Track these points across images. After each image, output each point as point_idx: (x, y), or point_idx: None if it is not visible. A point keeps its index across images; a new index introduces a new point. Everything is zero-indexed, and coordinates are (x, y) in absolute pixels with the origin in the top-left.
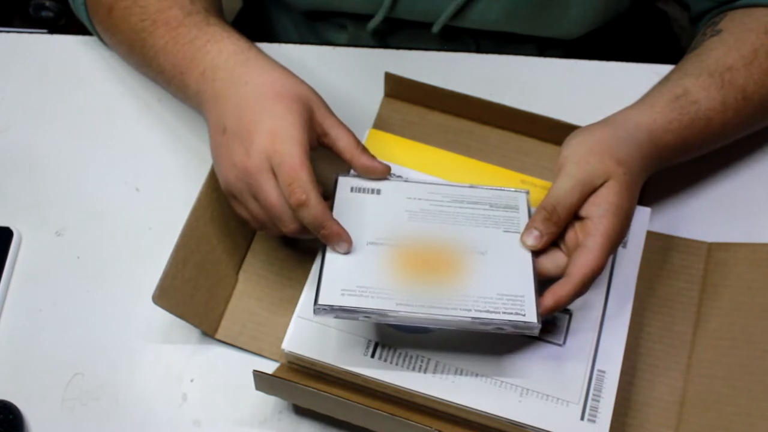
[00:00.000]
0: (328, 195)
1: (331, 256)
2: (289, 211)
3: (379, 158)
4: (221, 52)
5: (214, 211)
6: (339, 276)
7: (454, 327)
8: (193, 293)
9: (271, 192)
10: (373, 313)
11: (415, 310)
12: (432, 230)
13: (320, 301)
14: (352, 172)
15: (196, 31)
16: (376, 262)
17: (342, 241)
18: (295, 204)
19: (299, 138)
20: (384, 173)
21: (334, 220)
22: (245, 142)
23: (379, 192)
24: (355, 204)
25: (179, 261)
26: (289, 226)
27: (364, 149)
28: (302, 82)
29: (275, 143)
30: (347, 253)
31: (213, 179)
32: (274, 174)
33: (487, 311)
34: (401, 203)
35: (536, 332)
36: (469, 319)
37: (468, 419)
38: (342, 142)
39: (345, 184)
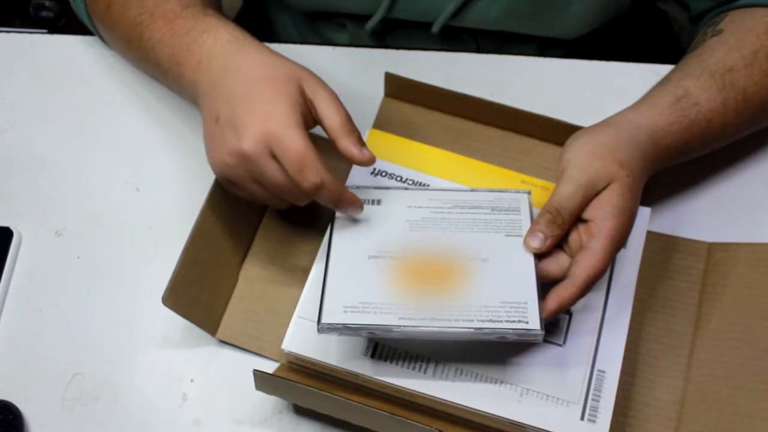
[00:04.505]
0: None
1: (333, 272)
2: (298, 188)
3: (380, 158)
4: (216, 42)
5: (221, 211)
6: (341, 293)
7: (457, 339)
8: (199, 294)
9: (275, 175)
10: (376, 329)
11: (417, 323)
12: (433, 239)
13: (324, 320)
14: (350, 181)
15: (193, 21)
16: (378, 276)
17: (357, 207)
18: (311, 189)
19: (294, 119)
20: (367, 163)
21: (346, 189)
22: (239, 130)
23: (379, 202)
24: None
25: (188, 261)
26: (302, 201)
27: (352, 132)
28: (294, 63)
29: (270, 127)
30: (358, 218)
31: None
32: (274, 157)
33: (490, 320)
34: (402, 213)
35: (540, 339)
36: (472, 330)
37: (468, 419)
38: (329, 121)
39: None
